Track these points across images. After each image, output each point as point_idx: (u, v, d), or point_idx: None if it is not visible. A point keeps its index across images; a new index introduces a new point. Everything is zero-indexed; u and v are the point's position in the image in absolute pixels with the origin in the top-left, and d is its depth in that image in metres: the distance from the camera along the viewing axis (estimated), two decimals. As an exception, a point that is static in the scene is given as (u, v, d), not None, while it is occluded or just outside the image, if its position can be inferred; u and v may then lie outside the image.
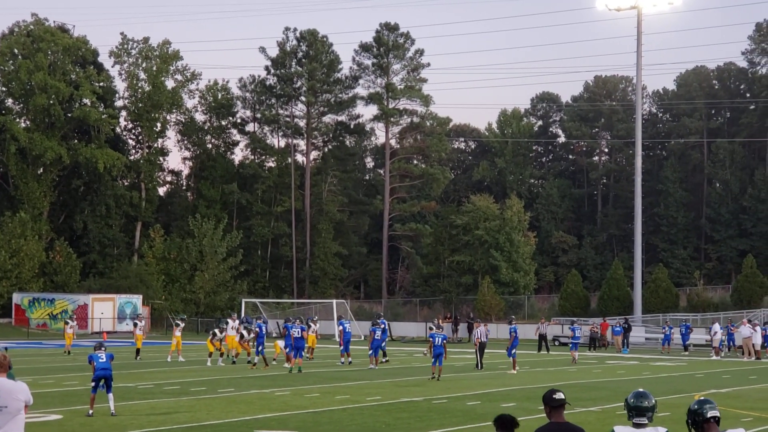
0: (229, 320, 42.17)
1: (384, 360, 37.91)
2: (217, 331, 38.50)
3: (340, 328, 39.21)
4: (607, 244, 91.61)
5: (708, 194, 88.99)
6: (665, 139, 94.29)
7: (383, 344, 37.44)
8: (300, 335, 33.83)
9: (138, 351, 41.08)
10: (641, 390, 7.66)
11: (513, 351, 34.86)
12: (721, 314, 58.19)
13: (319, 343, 46.74)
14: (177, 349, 39.86)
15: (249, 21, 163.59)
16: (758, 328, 45.75)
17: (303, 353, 34.38)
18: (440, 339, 31.32)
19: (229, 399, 24.14)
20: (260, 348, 36.14)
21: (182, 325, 41.87)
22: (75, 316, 54.43)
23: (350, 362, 37.36)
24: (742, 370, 36.53)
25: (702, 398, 7.55)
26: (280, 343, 37.61)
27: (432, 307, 76.67)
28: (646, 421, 7.51)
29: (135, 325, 43.25)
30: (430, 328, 33.63)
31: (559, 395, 7.97)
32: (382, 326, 36.84)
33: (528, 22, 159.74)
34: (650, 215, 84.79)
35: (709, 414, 7.33)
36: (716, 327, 46.37)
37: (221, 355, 37.72)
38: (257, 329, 37.01)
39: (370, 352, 35.80)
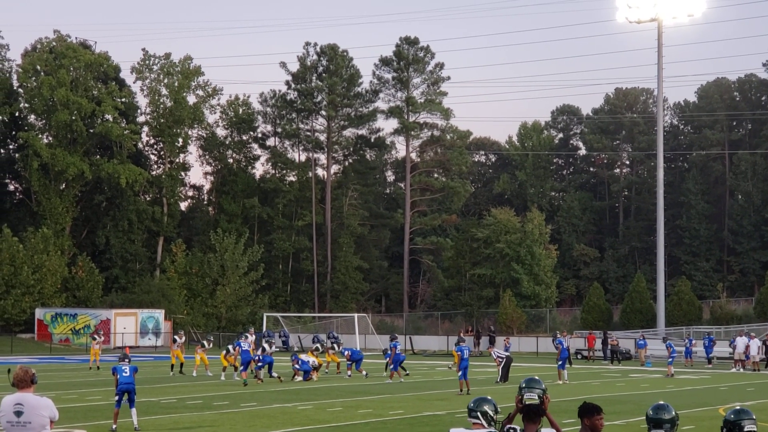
0: (246, 335, 42.43)
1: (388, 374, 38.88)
2: (230, 347, 38.76)
3: (348, 353, 40.18)
4: (629, 256, 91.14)
5: (730, 206, 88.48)
6: (687, 151, 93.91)
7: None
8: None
9: (181, 365, 40.48)
10: (662, 402, 7.61)
11: (561, 362, 35.44)
12: (744, 326, 57.75)
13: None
14: (204, 364, 39.96)
15: (269, 36, 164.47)
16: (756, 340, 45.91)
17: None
18: (467, 351, 31.57)
19: (252, 413, 24.14)
20: (260, 364, 36.42)
21: (207, 346, 41.79)
22: (102, 332, 54.38)
23: (366, 375, 38.06)
24: (766, 383, 36.25)
25: (739, 408, 7.28)
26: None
27: (453, 320, 76.50)
28: None
29: (174, 341, 43.22)
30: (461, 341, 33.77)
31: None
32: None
33: (548, 35, 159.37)
34: (672, 227, 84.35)
35: (747, 428, 7.04)
36: (744, 340, 45.80)
37: (235, 369, 37.91)
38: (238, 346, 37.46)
39: (392, 366, 36.36)
